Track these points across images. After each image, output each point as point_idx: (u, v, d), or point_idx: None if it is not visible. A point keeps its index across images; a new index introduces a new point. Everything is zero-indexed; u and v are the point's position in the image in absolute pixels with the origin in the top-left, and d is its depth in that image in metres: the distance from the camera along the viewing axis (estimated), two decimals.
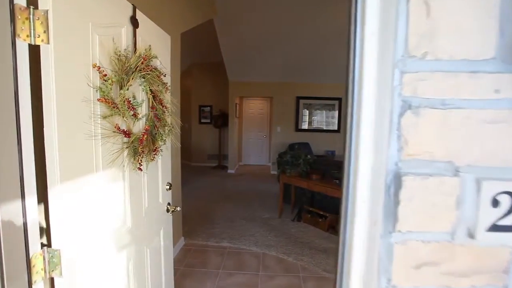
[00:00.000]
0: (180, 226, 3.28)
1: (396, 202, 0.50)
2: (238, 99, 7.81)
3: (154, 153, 1.40)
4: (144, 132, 1.23)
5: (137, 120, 1.21)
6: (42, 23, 0.80)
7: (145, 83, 1.29)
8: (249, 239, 3.37)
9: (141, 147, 1.21)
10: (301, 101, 7.11)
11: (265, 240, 3.36)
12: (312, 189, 3.60)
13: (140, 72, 1.19)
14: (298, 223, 3.91)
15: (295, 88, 7.07)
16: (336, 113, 7.13)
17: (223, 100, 7.84)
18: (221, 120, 7.65)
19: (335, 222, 3.71)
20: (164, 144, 1.48)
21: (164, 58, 1.60)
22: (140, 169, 1.30)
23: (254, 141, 8.46)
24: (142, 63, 1.19)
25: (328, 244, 3.27)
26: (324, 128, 7.25)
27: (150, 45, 1.35)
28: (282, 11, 4.58)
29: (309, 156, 3.90)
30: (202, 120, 8.19)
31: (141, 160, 1.29)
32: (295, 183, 3.81)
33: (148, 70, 1.27)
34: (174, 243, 3.03)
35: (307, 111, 7.22)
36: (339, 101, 7.04)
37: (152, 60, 1.33)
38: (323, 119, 7.26)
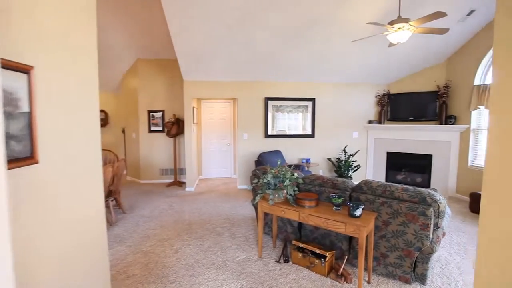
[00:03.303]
0: None
1: None
2: (195, 102, 6.62)
3: None
4: None
5: None
6: None
7: None
8: None
9: None
10: (270, 103, 6.15)
11: None
12: (306, 222, 2.61)
13: None
14: (286, 264, 2.90)
15: (263, 87, 6.09)
16: (310, 115, 6.30)
17: (177, 104, 6.60)
18: (175, 128, 6.36)
19: (336, 263, 2.77)
20: None
21: None
22: None
23: (216, 150, 7.30)
24: None
25: None
26: (297, 133, 6.37)
27: None
28: None
29: (296, 175, 2.91)
30: (153, 128, 6.80)
31: None
32: (281, 214, 2.78)
33: None
34: None
35: (277, 114, 6.27)
36: (313, 102, 6.23)
37: None
38: (295, 122, 6.37)
